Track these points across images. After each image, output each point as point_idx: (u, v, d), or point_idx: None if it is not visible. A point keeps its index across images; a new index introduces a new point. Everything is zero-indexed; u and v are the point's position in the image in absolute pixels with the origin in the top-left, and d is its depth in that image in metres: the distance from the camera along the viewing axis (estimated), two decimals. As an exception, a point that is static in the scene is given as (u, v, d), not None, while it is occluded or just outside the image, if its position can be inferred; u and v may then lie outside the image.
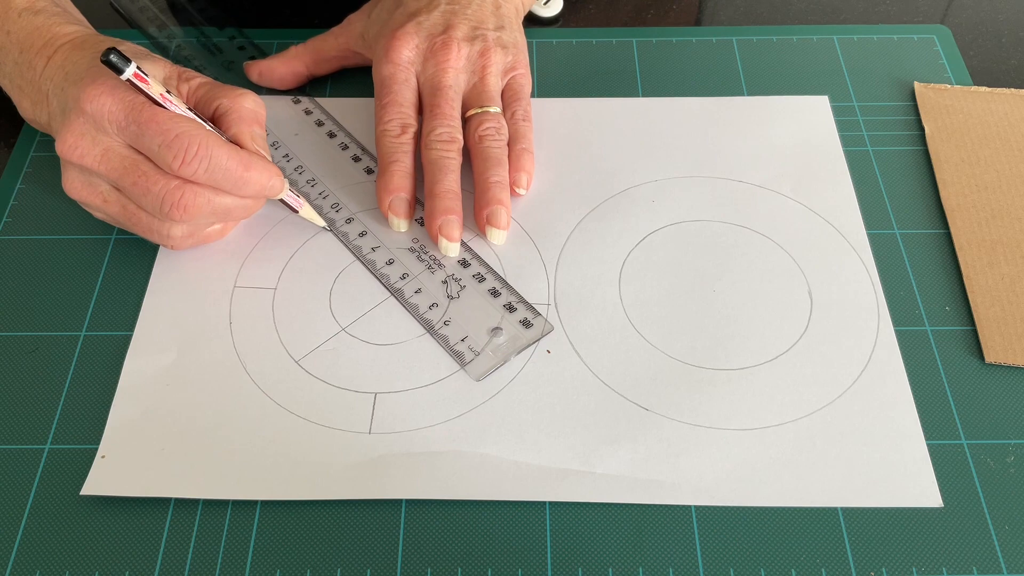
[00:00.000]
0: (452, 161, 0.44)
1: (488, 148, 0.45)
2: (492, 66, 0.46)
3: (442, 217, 0.43)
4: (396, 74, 0.46)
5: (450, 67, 0.45)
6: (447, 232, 0.43)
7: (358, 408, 0.39)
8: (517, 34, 0.49)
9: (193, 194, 0.39)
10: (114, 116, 0.38)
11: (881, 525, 0.36)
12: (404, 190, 0.44)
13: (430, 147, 0.44)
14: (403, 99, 0.46)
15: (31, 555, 0.35)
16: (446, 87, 0.45)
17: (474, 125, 0.45)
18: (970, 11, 0.57)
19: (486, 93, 0.46)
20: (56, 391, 0.40)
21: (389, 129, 0.45)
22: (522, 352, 0.40)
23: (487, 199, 0.44)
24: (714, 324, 0.42)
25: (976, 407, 0.39)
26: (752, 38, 0.54)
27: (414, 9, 0.47)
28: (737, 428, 0.38)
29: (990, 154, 0.48)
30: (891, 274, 0.43)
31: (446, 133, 0.44)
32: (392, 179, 0.44)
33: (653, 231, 0.45)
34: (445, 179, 0.44)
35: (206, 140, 0.38)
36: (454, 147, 0.44)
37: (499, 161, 0.45)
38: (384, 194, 0.44)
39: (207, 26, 0.54)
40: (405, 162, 0.45)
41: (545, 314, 0.42)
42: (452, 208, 0.43)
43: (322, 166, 0.48)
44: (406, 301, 0.42)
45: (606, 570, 0.35)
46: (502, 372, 0.40)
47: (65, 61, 0.42)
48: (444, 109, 0.45)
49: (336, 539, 0.36)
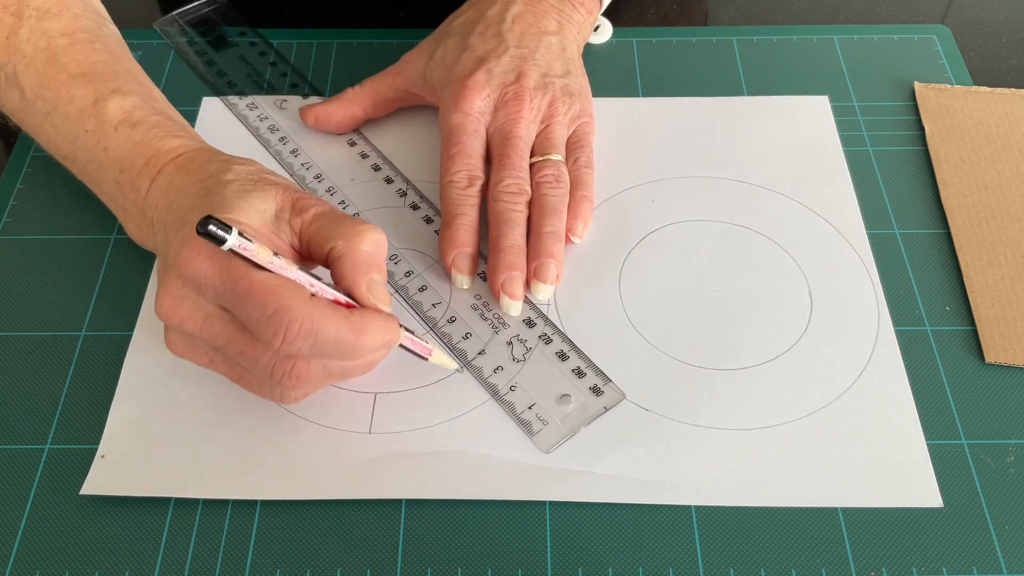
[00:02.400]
0: (518, 214, 0.42)
1: (545, 196, 0.43)
2: (559, 115, 0.45)
3: (505, 273, 0.41)
4: (465, 124, 0.44)
5: (522, 118, 0.44)
6: (510, 289, 0.41)
7: (358, 408, 0.39)
8: (582, 79, 0.48)
9: (305, 364, 0.35)
10: (211, 282, 0.33)
11: (881, 525, 0.36)
12: (469, 245, 0.42)
13: (497, 199, 0.43)
14: (471, 150, 0.44)
15: (31, 555, 0.35)
16: (516, 137, 0.44)
17: (534, 172, 0.44)
18: (970, 11, 0.57)
19: (550, 141, 0.45)
20: (56, 391, 0.40)
21: (456, 181, 0.44)
22: (587, 421, 0.38)
23: (537, 250, 0.42)
24: (714, 324, 0.42)
25: (976, 407, 0.39)
26: (752, 38, 0.54)
27: (482, 53, 0.46)
28: (737, 428, 0.38)
29: (990, 154, 0.48)
30: (891, 274, 0.43)
31: (514, 185, 0.43)
32: (458, 233, 0.42)
33: (653, 231, 0.45)
34: (511, 233, 0.42)
35: (310, 314, 0.33)
36: (521, 199, 0.43)
37: (555, 211, 0.43)
38: (448, 248, 0.42)
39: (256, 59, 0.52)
40: (471, 215, 0.43)
41: (545, 313, 0.42)
42: (516, 264, 0.41)
43: (380, 215, 0.46)
44: (469, 363, 0.40)
45: (606, 570, 0.35)
46: (502, 372, 0.40)
47: (169, 186, 0.38)
48: (513, 160, 0.44)
49: (336, 539, 0.36)
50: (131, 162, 0.39)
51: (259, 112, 0.50)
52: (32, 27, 0.41)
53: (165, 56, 0.54)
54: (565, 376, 0.40)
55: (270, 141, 0.49)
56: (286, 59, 0.53)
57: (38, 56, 0.41)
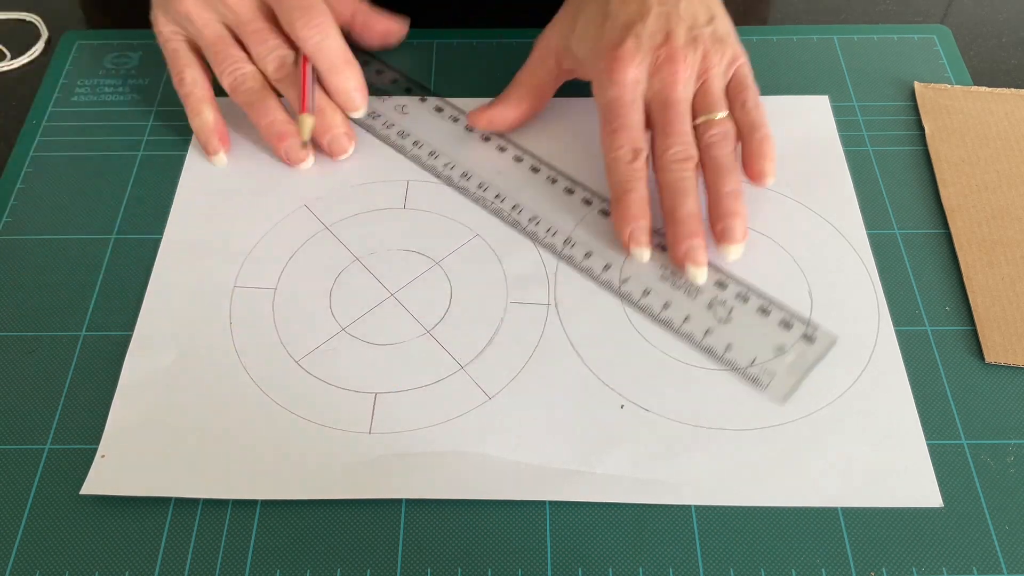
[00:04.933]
0: (689, 182, 0.42)
1: (717, 157, 0.43)
2: (714, 68, 0.44)
3: (686, 242, 0.41)
4: (623, 96, 0.43)
5: (678, 81, 0.43)
6: (693, 258, 0.41)
7: (358, 408, 0.39)
8: (726, 20, 0.46)
9: (293, 59, 0.46)
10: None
11: (881, 525, 0.36)
12: (644, 218, 0.42)
13: (667, 168, 0.42)
14: (632, 122, 0.43)
15: (31, 555, 0.35)
16: (676, 102, 0.43)
17: (700, 133, 0.43)
18: (970, 11, 0.57)
19: (711, 98, 0.44)
20: (56, 391, 0.40)
21: (621, 156, 0.43)
22: (809, 367, 0.39)
23: (720, 212, 0.42)
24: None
25: (976, 407, 0.39)
26: (752, 38, 0.54)
27: (626, 19, 0.44)
28: (737, 428, 0.38)
29: (990, 154, 0.48)
30: (891, 274, 0.43)
31: (681, 152, 0.42)
32: (630, 208, 0.42)
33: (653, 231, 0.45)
34: (686, 202, 0.42)
35: (330, 20, 0.45)
36: (690, 165, 0.42)
37: (730, 170, 0.42)
38: (623, 224, 0.42)
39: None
40: (641, 190, 0.42)
41: (545, 314, 0.42)
42: (696, 231, 0.41)
43: (538, 203, 0.46)
44: (678, 331, 0.41)
45: (606, 570, 0.35)
46: (502, 372, 0.40)
47: None
48: (676, 126, 0.43)
49: (336, 539, 0.36)
50: None
51: (383, 120, 0.50)
52: None
53: (165, 56, 0.54)
54: (774, 330, 0.41)
55: (404, 147, 0.49)
56: (391, 66, 0.53)
57: None
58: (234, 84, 0.46)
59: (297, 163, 0.47)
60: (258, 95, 0.46)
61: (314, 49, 0.45)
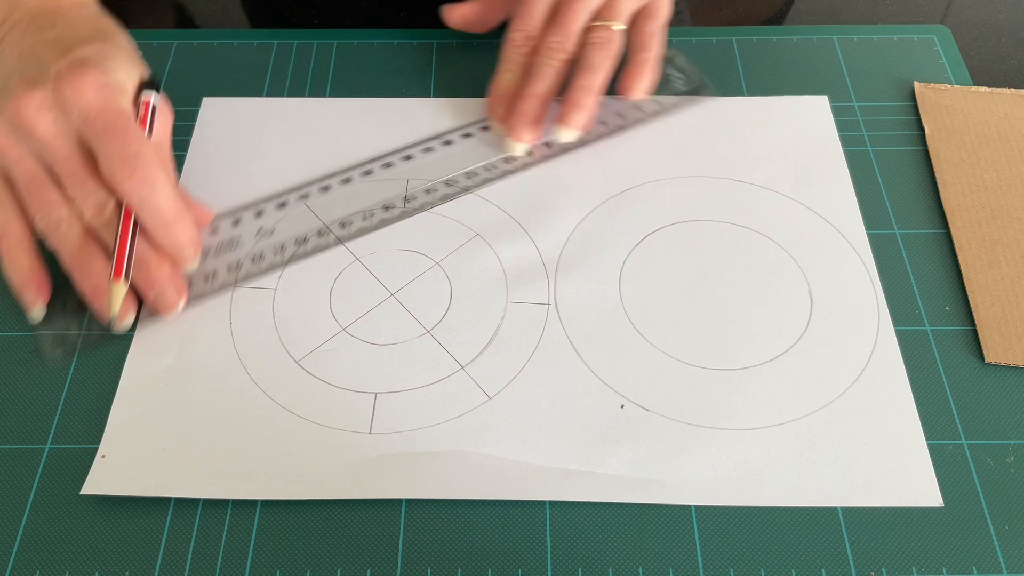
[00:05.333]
0: (549, 69, 0.45)
1: (587, 55, 0.45)
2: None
3: (516, 118, 0.45)
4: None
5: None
6: (517, 132, 0.45)
7: (358, 408, 0.39)
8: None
9: (114, 207, 0.39)
10: (88, 107, 0.38)
11: (881, 525, 0.36)
12: (510, 98, 0.46)
13: (538, 52, 0.45)
14: (536, 11, 0.46)
15: (31, 555, 0.35)
16: (579, 2, 0.45)
17: (585, 34, 0.46)
18: (970, 11, 0.57)
19: (613, 9, 0.46)
20: (56, 391, 0.40)
21: (514, 38, 0.46)
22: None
23: (567, 99, 0.45)
24: (714, 324, 0.42)
25: (976, 407, 0.39)
26: (752, 38, 0.54)
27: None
28: (737, 428, 0.38)
29: (990, 154, 0.48)
30: (891, 274, 0.43)
31: (556, 42, 0.45)
32: (500, 86, 0.46)
33: (653, 231, 0.45)
34: (535, 83, 0.45)
35: (157, 172, 0.39)
36: (559, 57, 0.45)
37: (592, 68, 0.45)
38: (491, 98, 0.47)
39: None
40: (518, 72, 0.46)
41: (545, 314, 0.42)
42: (529, 112, 0.45)
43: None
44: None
45: (606, 570, 0.35)
46: (502, 372, 0.40)
47: (59, 12, 0.42)
48: (566, 20, 0.45)
49: (336, 539, 0.36)
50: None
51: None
52: None
53: (165, 56, 0.54)
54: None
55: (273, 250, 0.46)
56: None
57: None
58: (47, 229, 0.39)
59: (120, 321, 0.40)
60: (75, 244, 0.39)
61: (139, 205, 0.38)
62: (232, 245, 0.43)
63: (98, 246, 0.40)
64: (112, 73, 0.40)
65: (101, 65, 0.39)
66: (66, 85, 0.38)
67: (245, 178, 0.47)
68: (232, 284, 0.42)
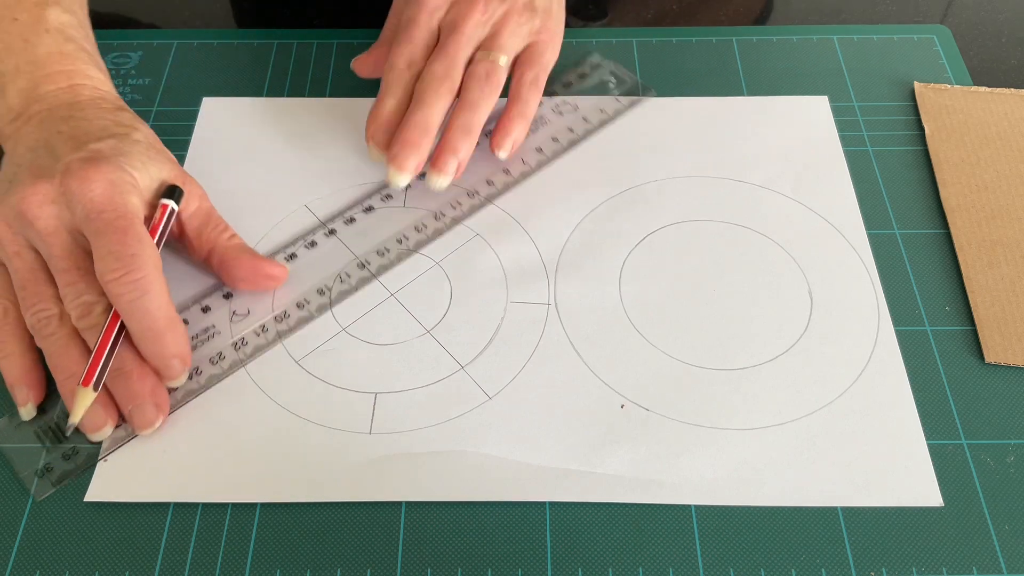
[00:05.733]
0: (436, 97, 0.43)
1: (469, 89, 0.44)
2: (511, 26, 0.45)
3: (399, 147, 0.42)
4: (419, 16, 0.45)
5: (470, 18, 0.45)
6: (399, 162, 0.43)
7: (358, 408, 0.39)
8: (553, 2, 0.47)
9: (103, 312, 0.37)
10: (94, 202, 0.36)
11: (881, 525, 0.36)
12: (391, 122, 0.44)
13: (422, 80, 0.44)
14: (418, 39, 0.45)
15: (31, 555, 0.35)
16: (461, 32, 0.44)
17: (468, 66, 0.45)
18: (970, 11, 0.57)
19: (496, 42, 0.45)
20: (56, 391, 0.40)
21: (395, 63, 0.45)
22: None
23: (442, 142, 0.43)
24: (714, 324, 0.42)
25: (976, 407, 0.39)
26: (752, 38, 0.54)
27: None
28: (737, 428, 0.38)
29: (990, 154, 0.48)
30: (891, 274, 0.43)
31: (441, 70, 0.44)
32: (383, 111, 0.44)
33: (653, 231, 0.45)
34: (421, 112, 0.43)
35: (154, 279, 0.36)
36: (445, 85, 0.43)
37: (472, 105, 0.44)
38: (370, 123, 0.44)
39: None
40: (401, 97, 0.44)
41: (545, 314, 0.42)
42: (414, 141, 0.42)
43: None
44: None
45: (606, 570, 0.35)
46: (502, 372, 0.40)
47: (75, 107, 0.41)
48: (449, 49, 0.44)
49: (336, 539, 0.36)
50: (45, 62, 0.42)
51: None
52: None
53: (165, 56, 0.54)
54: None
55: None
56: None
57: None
58: (35, 325, 0.38)
59: (93, 431, 0.37)
60: (58, 344, 0.37)
61: (127, 308, 0.36)
62: (208, 335, 0.41)
63: (83, 348, 0.37)
64: (124, 169, 0.38)
65: (113, 160, 0.38)
66: (73, 179, 0.37)
67: (245, 178, 0.48)
68: (218, 376, 0.40)
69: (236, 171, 0.48)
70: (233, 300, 0.42)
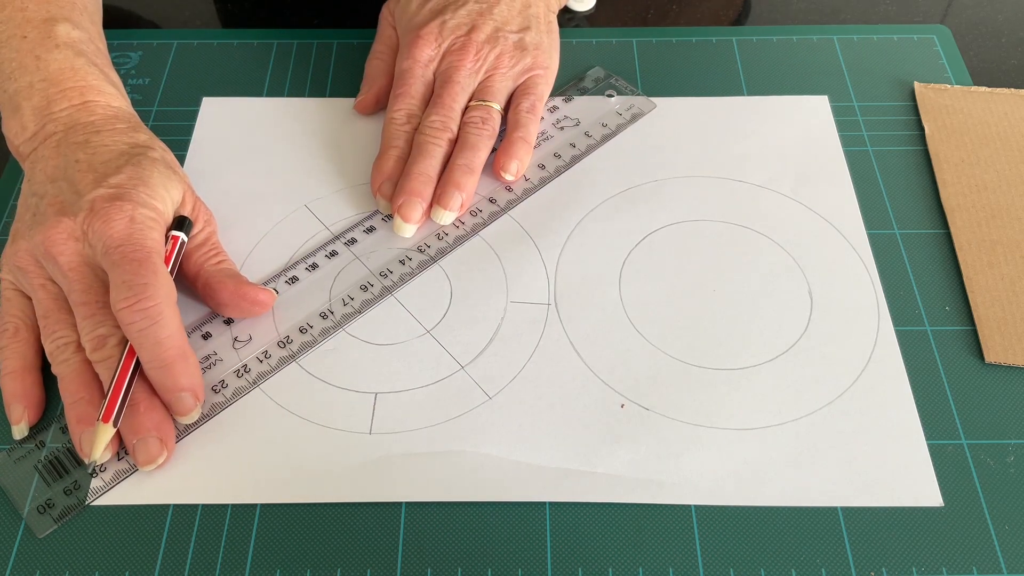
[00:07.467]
0: (436, 147, 0.45)
1: (467, 134, 0.45)
2: (504, 68, 0.47)
3: (405, 197, 0.44)
4: (414, 69, 0.47)
5: (463, 67, 0.46)
6: (404, 212, 0.44)
7: (359, 408, 0.39)
8: (543, 36, 0.49)
9: (115, 343, 0.37)
10: (114, 236, 0.37)
11: (881, 525, 0.36)
12: (397, 174, 0.45)
13: (421, 132, 0.45)
14: (414, 91, 0.47)
15: (31, 555, 0.35)
16: (454, 83, 0.46)
17: (464, 114, 0.46)
18: (970, 11, 0.57)
19: (489, 90, 0.47)
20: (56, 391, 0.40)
21: (395, 117, 0.47)
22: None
23: (444, 180, 0.44)
24: (714, 324, 0.42)
25: (976, 407, 0.39)
26: (752, 38, 0.54)
27: (441, 6, 0.48)
28: (737, 428, 0.38)
29: (990, 154, 0.48)
30: (891, 274, 0.43)
31: (439, 122, 0.45)
32: (387, 164, 0.45)
33: (653, 231, 0.45)
34: (422, 162, 0.44)
35: (165, 308, 0.36)
36: (443, 136, 0.45)
37: (472, 146, 0.45)
38: (376, 176, 0.45)
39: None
40: (402, 148, 0.46)
41: (545, 314, 0.42)
42: (417, 190, 0.44)
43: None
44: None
45: (606, 570, 0.35)
46: (502, 372, 0.40)
47: (91, 130, 0.41)
48: (445, 101, 0.46)
49: (336, 539, 0.36)
50: (58, 79, 0.42)
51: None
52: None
53: (165, 56, 0.54)
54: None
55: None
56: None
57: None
58: (54, 352, 0.38)
59: (88, 457, 0.36)
60: (72, 372, 0.37)
61: (137, 337, 0.36)
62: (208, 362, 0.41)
63: (94, 375, 0.37)
64: (145, 204, 0.39)
65: (134, 196, 0.39)
66: (98, 219, 0.37)
67: (245, 178, 0.48)
68: (221, 404, 0.39)
69: (236, 171, 0.48)
70: (234, 326, 0.42)
